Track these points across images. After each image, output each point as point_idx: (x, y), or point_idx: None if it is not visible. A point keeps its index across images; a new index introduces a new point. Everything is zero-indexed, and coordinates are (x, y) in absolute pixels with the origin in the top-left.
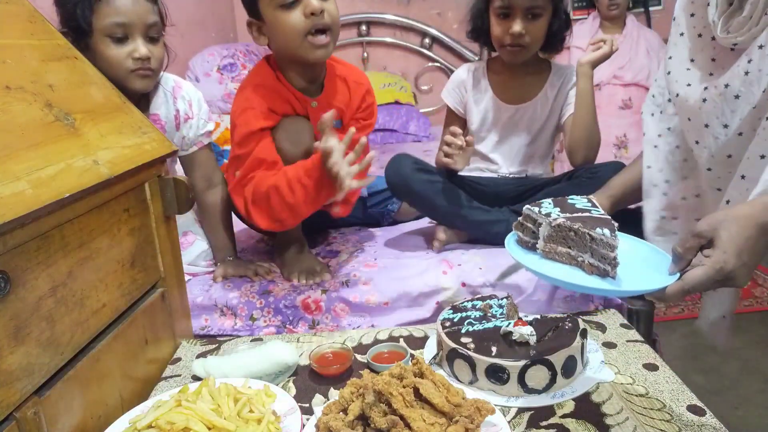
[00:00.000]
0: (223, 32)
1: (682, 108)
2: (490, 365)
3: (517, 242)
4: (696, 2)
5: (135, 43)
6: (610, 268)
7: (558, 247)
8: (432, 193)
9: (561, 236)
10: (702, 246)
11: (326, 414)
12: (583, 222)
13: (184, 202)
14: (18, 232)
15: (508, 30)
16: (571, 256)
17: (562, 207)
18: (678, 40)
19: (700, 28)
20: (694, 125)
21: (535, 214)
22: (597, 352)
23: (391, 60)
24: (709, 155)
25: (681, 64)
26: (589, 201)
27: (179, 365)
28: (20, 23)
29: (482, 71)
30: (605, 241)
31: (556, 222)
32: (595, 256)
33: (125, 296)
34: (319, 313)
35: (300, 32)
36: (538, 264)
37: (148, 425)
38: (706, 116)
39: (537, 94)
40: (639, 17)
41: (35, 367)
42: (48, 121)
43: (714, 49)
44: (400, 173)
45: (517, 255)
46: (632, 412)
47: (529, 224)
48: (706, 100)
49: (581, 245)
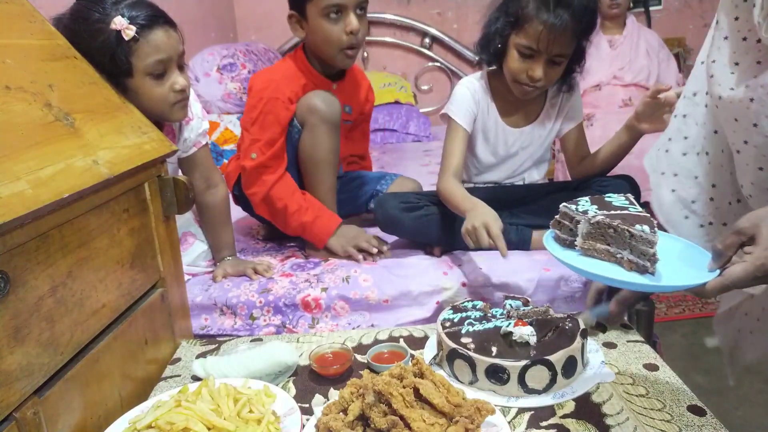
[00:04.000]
0: (223, 32)
1: (727, 109)
2: (491, 365)
3: (554, 239)
4: (740, 6)
5: (173, 76)
6: (649, 264)
7: (597, 244)
8: (424, 228)
9: (600, 233)
10: (742, 243)
11: (326, 414)
12: (623, 219)
13: (183, 202)
14: (18, 232)
15: (527, 71)
16: (610, 253)
17: (599, 204)
18: (722, 43)
19: (744, 31)
20: (741, 125)
21: (573, 211)
22: (597, 353)
23: (391, 60)
24: (760, 154)
25: (725, 67)
26: (626, 199)
27: (179, 365)
28: (20, 23)
29: (485, 91)
30: (644, 237)
31: (595, 219)
32: (634, 253)
33: (125, 296)
34: (319, 311)
35: (338, 46)
36: (578, 260)
37: (148, 425)
38: (755, 115)
39: (540, 114)
40: (639, 17)
41: (35, 368)
42: (48, 121)
43: (759, 52)
44: (389, 215)
45: (555, 252)
46: (632, 412)
47: (567, 222)
48: (754, 100)
49: (620, 242)
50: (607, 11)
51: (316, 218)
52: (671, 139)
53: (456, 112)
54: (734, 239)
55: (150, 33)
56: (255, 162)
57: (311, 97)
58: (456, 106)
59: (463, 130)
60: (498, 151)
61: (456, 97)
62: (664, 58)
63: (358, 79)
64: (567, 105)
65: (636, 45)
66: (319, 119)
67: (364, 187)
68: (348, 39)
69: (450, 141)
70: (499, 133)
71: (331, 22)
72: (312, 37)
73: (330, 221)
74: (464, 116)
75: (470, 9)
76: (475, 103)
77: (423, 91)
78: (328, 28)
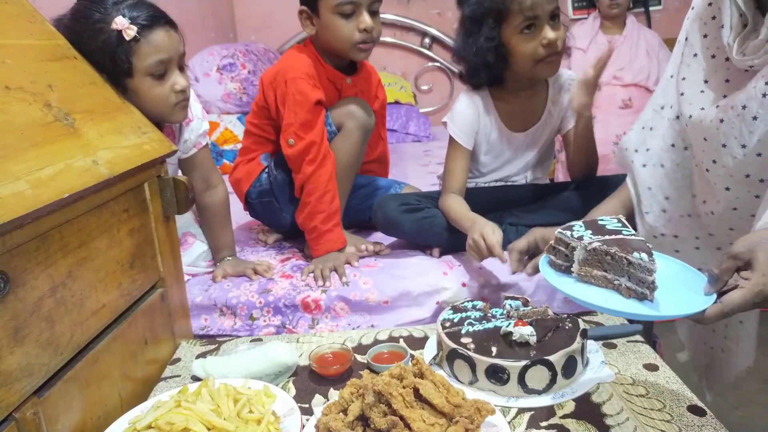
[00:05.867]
0: (222, 32)
1: (697, 128)
2: (490, 365)
3: (549, 265)
4: (708, 24)
5: (173, 76)
6: (648, 291)
7: (593, 271)
8: (423, 230)
9: (597, 260)
10: (738, 267)
11: (326, 414)
12: (619, 245)
13: (183, 203)
14: (17, 233)
15: (541, 42)
16: (608, 280)
17: (593, 229)
18: (691, 61)
19: (713, 49)
20: (710, 145)
21: (568, 237)
22: (597, 353)
23: (390, 60)
24: (727, 174)
25: (695, 86)
26: (618, 221)
27: (179, 366)
28: (20, 23)
29: (487, 101)
30: (643, 265)
31: (591, 246)
32: (632, 280)
33: (125, 296)
34: (319, 312)
35: (352, 42)
36: (574, 288)
37: (148, 426)
38: (724, 136)
39: (542, 115)
40: (639, 17)
41: (35, 368)
42: (47, 121)
43: (728, 70)
44: (389, 217)
45: (551, 279)
46: (632, 412)
47: (562, 248)
48: (724, 121)
49: (618, 269)
50: (607, 11)
51: (327, 232)
52: (637, 150)
53: (456, 132)
54: (730, 264)
55: (151, 33)
56: (294, 149)
57: (350, 102)
58: (456, 125)
59: (463, 149)
60: (502, 156)
61: (456, 114)
62: (664, 58)
63: (370, 74)
64: (566, 100)
65: (636, 45)
66: (356, 125)
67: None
68: (361, 36)
69: (451, 159)
70: (504, 141)
71: (343, 19)
72: (323, 33)
73: (335, 243)
74: (465, 135)
75: None
76: (475, 120)
77: (423, 91)
78: (341, 25)
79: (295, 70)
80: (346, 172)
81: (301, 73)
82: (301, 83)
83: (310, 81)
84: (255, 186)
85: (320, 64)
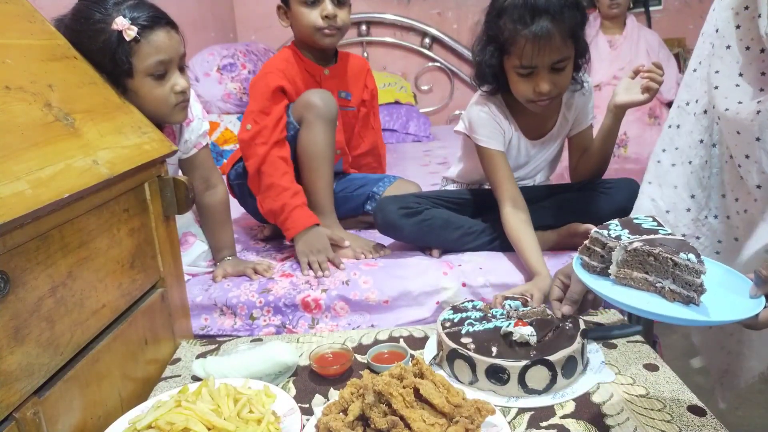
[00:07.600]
0: (222, 32)
1: (730, 122)
2: (491, 365)
3: (582, 266)
4: (741, 14)
5: (173, 77)
6: (696, 295)
7: (633, 273)
8: (423, 233)
9: (638, 261)
10: None
11: (326, 414)
12: (663, 245)
13: (183, 203)
14: (18, 233)
15: (534, 88)
16: (649, 282)
17: (630, 228)
18: (724, 53)
19: (747, 40)
20: (744, 139)
21: (605, 237)
22: (597, 353)
23: (391, 60)
24: (759, 171)
25: (730, 79)
26: (654, 220)
27: (179, 365)
28: (20, 23)
29: (503, 109)
30: (691, 266)
31: (632, 246)
32: (677, 282)
33: (125, 296)
34: (319, 312)
35: (314, 27)
36: (613, 291)
37: (148, 426)
38: (759, 129)
39: (557, 121)
40: (639, 17)
41: (35, 368)
42: (48, 121)
43: (763, 62)
44: (388, 220)
45: (589, 282)
46: (633, 412)
47: (598, 248)
48: (761, 113)
49: (661, 271)
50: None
51: (297, 207)
52: (665, 150)
53: (485, 140)
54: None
55: (151, 34)
56: (250, 133)
57: (307, 95)
58: (483, 134)
59: (499, 153)
60: (517, 163)
61: (477, 123)
62: (664, 59)
63: (356, 64)
64: (581, 107)
65: (636, 45)
66: (315, 115)
67: (361, 189)
68: (324, 22)
69: (493, 170)
70: (521, 148)
71: (307, 8)
72: (294, 25)
73: (309, 218)
74: (496, 139)
75: (470, 9)
76: (497, 123)
77: (423, 92)
78: (305, 13)
79: (268, 66)
80: (319, 163)
81: (273, 67)
82: (269, 76)
83: (279, 73)
84: (234, 167)
85: (299, 58)
